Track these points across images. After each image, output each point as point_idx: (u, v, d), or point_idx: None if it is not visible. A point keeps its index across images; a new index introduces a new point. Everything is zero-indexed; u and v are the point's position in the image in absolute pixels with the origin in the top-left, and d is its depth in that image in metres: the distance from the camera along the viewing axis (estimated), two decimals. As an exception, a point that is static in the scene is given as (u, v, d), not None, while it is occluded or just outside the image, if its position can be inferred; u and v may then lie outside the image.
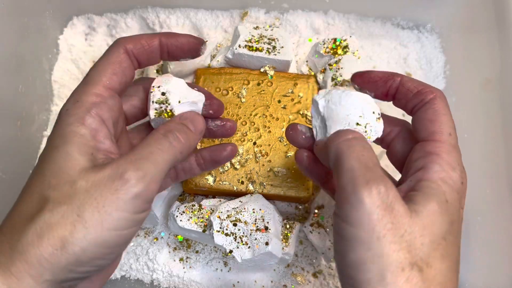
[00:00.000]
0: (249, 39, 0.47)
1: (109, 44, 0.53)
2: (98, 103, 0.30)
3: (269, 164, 0.45)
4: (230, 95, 0.47)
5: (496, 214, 0.44)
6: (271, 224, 0.41)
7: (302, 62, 0.50)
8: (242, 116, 0.46)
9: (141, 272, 0.46)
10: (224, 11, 0.53)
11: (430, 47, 0.53)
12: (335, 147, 0.29)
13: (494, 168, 0.45)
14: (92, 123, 0.30)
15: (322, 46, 0.48)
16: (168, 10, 0.53)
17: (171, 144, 0.30)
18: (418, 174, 0.29)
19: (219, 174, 0.45)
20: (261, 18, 0.53)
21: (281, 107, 0.46)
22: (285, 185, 0.44)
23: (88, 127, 0.29)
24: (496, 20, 0.46)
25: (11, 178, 0.45)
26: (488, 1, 0.47)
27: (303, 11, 0.53)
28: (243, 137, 0.45)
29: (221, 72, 0.47)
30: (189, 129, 0.32)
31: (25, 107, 0.48)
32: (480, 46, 0.48)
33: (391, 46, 0.53)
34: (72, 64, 0.53)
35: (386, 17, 0.54)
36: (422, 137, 0.31)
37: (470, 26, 0.50)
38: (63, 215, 0.26)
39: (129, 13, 0.54)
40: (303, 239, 0.46)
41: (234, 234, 0.40)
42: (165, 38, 0.34)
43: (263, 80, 0.47)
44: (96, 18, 0.54)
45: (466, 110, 0.50)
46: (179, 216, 0.42)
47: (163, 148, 0.30)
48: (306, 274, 0.46)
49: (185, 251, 0.46)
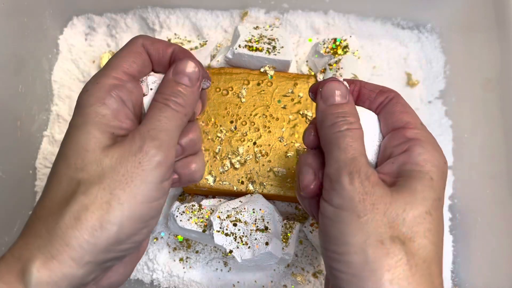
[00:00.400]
0: (249, 39, 0.47)
1: (109, 44, 0.54)
2: (118, 85, 0.31)
3: (269, 164, 0.45)
4: (230, 95, 0.47)
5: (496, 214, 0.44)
6: (271, 224, 0.41)
7: (302, 62, 0.50)
8: (242, 116, 0.46)
9: (141, 272, 0.46)
10: (224, 11, 0.53)
11: (430, 47, 0.53)
12: (329, 136, 0.30)
13: (494, 168, 0.45)
14: (113, 103, 0.30)
15: (322, 46, 0.48)
16: (168, 10, 0.53)
17: (174, 110, 0.31)
18: (400, 157, 0.30)
19: (219, 174, 0.45)
20: (261, 18, 0.53)
21: (281, 107, 0.46)
22: (285, 185, 0.44)
23: (110, 107, 0.30)
24: (496, 20, 0.46)
25: (11, 178, 0.45)
26: (488, 1, 0.47)
27: (303, 11, 0.53)
28: (243, 137, 0.45)
29: (221, 72, 0.47)
30: (185, 86, 0.32)
31: (25, 107, 0.48)
32: (480, 46, 0.48)
33: (391, 46, 0.53)
34: (72, 64, 0.53)
35: (386, 17, 0.54)
36: (396, 127, 0.32)
37: (470, 26, 0.50)
38: (97, 196, 0.27)
39: (129, 13, 0.54)
40: (303, 239, 0.46)
41: (234, 234, 0.40)
42: (178, 50, 0.34)
43: (263, 80, 0.47)
44: (96, 18, 0.54)
45: (466, 110, 0.50)
46: (179, 216, 0.42)
47: (168, 116, 0.30)
48: (306, 274, 0.46)
49: (185, 251, 0.46)
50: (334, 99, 0.31)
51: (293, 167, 0.44)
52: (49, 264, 0.26)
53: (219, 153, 0.45)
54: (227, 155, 0.45)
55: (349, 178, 0.28)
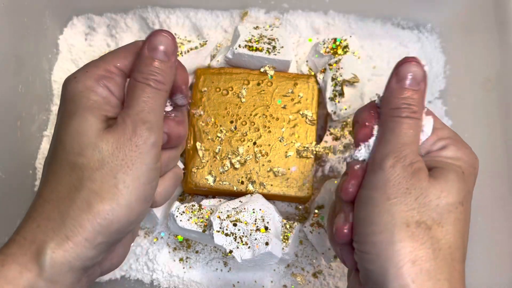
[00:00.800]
0: (249, 39, 0.47)
1: (109, 44, 0.53)
2: (107, 77, 0.31)
3: (269, 164, 0.45)
4: (230, 95, 0.47)
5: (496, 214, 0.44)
6: (271, 224, 0.41)
7: (302, 62, 0.50)
8: (242, 116, 0.46)
9: (141, 272, 0.46)
10: (224, 11, 0.53)
11: (430, 47, 0.53)
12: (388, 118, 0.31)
13: (494, 168, 0.45)
14: (102, 92, 0.31)
15: (322, 46, 0.48)
16: (168, 10, 0.53)
17: (156, 88, 0.31)
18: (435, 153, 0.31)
19: (219, 174, 0.45)
20: (261, 18, 0.53)
21: (281, 107, 0.46)
22: (285, 185, 0.44)
23: (99, 95, 0.31)
24: (496, 20, 0.46)
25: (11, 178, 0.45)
26: (488, 2, 0.47)
27: (303, 11, 0.53)
28: (243, 137, 0.45)
29: (221, 72, 0.47)
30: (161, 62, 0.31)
31: (25, 107, 0.48)
32: (480, 46, 0.48)
33: (391, 46, 0.53)
34: (72, 64, 0.53)
35: (386, 17, 0.53)
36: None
37: (470, 26, 0.50)
38: (103, 180, 0.28)
39: (129, 13, 0.53)
40: (303, 239, 0.46)
41: (234, 234, 0.40)
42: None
43: (263, 80, 0.47)
44: (96, 18, 0.54)
45: (466, 110, 0.50)
46: (179, 216, 0.42)
47: (151, 95, 0.31)
48: (306, 274, 0.46)
49: (185, 251, 0.46)
50: (406, 82, 0.30)
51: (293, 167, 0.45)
52: (64, 245, 0.27)
53: (219, 153, 0.45)
54: (227, 155, 0.45)
55: (392, 162, 0.29)
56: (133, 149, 0.29)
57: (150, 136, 0.30)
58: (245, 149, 0.45)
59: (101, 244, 0.28)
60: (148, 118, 0.30)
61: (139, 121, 0.30)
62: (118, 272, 0.46)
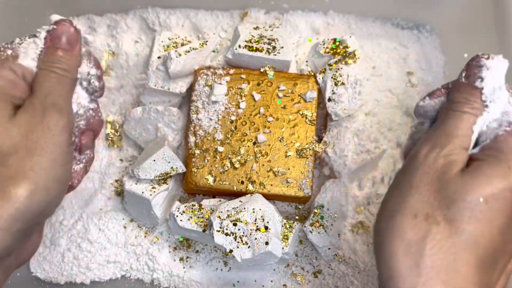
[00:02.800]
0: (249, 39, 0.47)
1: (110, 44, 0.53)
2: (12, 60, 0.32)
3: (269, 164, 0.45)
4: (230, 95, 0.47)
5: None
6: (271, 224, 0.41)
7: (302, 62, 0.50)
8: (242, 116, 0.46)
9: (141, 271, 0.47)
10: (224, 11, 0.53)
11: (430, 47, 0.53)
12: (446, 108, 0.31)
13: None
14: (8, 75, 0.31)
15: (322, 46, 0.48)
16: (168, 10, 0.53)
17: (61, 75, 0.32)
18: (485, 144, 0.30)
19: (219, 174, 0.45)
20: (261, 18, 0.53)
21: (281, 107, 0.46)
22: (285, 185, 0.44)
23: (5, 79, 0.31)
24: (496, 20, 0.46)
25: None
26: (487, 2, 0.47)
27: (303, 12, 0.53)
28: (243, 137, 0.45)
29: (221, 72, 0.47)
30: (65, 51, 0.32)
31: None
32: (479, 46, 0.48)
33: (391, 46, 0.53)
34: (72, 64, 0.53)
35: (386, 17, 0.54)
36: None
37: (470, 26, 0.50)
38: (18, 164, 0.28)
39: (129, 13, 0.53)
40: (303, 239, 0.46)
41: (234, 234, 0.40)
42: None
43: (263, 80, 0.47)
44: (96, 18, 0.54)
45: (466, 110, 0.50)
46: (179, 216, 0.42)
47: (59, 81, 0.31)
48: (306, 274, 0.46)
49: (185, 251, 0.46)
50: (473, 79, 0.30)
51: (293, 167, 0.45)
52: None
53: (219, 153, 0.45)
54: (227, 155, 0.45)
55: (427, 150, 0.29)
56: (45, 130, 0.29)
57: (60, 118, 0.30)
58: (245, 149, 0.45)
59: (18, 232, 0.28)
60: (57, 101, 0.30)
61: (48, 103, 0.30)
62: (118, 271, 0.46)
